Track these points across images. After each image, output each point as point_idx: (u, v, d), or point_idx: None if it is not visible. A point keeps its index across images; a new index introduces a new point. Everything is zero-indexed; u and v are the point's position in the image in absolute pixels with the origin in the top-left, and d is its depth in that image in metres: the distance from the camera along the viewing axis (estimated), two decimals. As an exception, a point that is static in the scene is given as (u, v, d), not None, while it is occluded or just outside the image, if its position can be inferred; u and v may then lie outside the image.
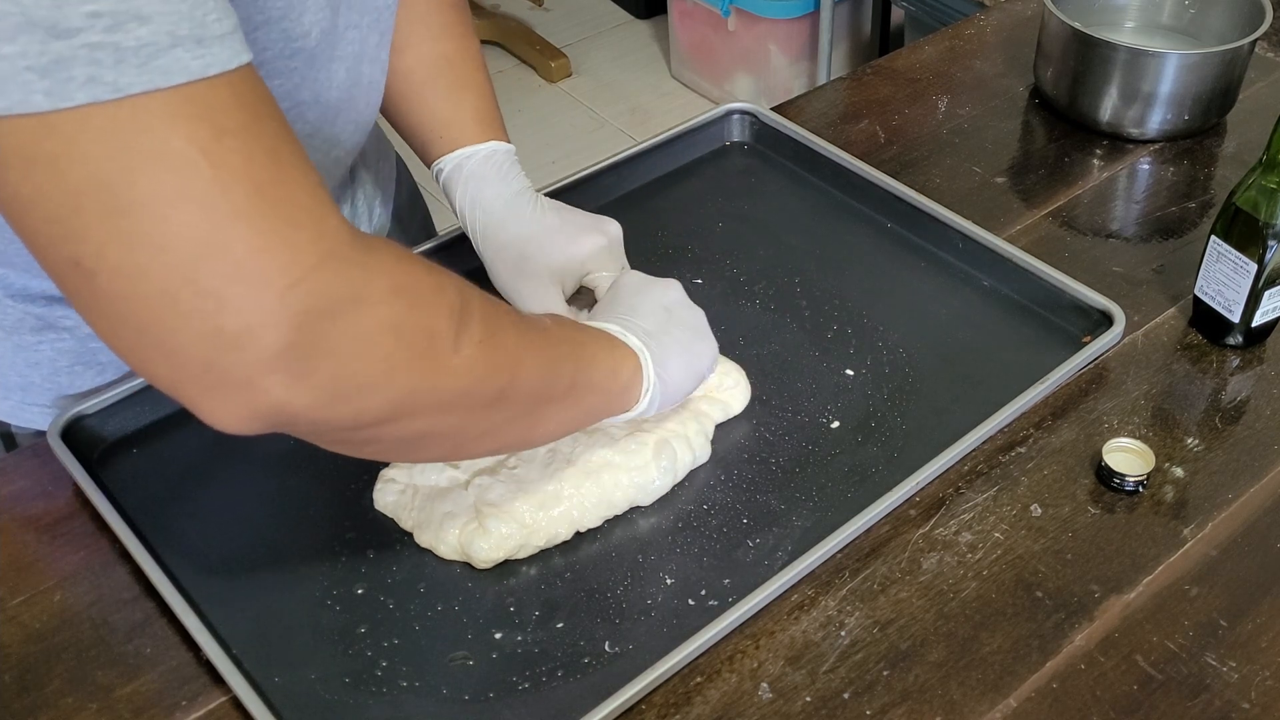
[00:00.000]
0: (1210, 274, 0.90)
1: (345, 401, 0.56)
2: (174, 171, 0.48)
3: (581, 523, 0.78)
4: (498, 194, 0.88)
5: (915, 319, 0.93)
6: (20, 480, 0.84)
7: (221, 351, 0.52)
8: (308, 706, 0.70)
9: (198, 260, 0.49)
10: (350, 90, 0.80)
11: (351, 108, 0.82)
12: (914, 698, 0.70)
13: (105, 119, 0.47)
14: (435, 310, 0.59)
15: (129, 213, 0.48)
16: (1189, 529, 0.78)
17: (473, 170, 0.89)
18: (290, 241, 0.51)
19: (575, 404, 0.71)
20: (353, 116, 0.83)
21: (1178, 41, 1.18)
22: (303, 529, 0.79)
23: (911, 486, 0.78)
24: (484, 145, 0.89)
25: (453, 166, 0.89)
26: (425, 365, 0.58)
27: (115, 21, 0.46)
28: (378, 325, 0.55)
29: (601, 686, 0.69)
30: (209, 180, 0.49)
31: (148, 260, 0.49)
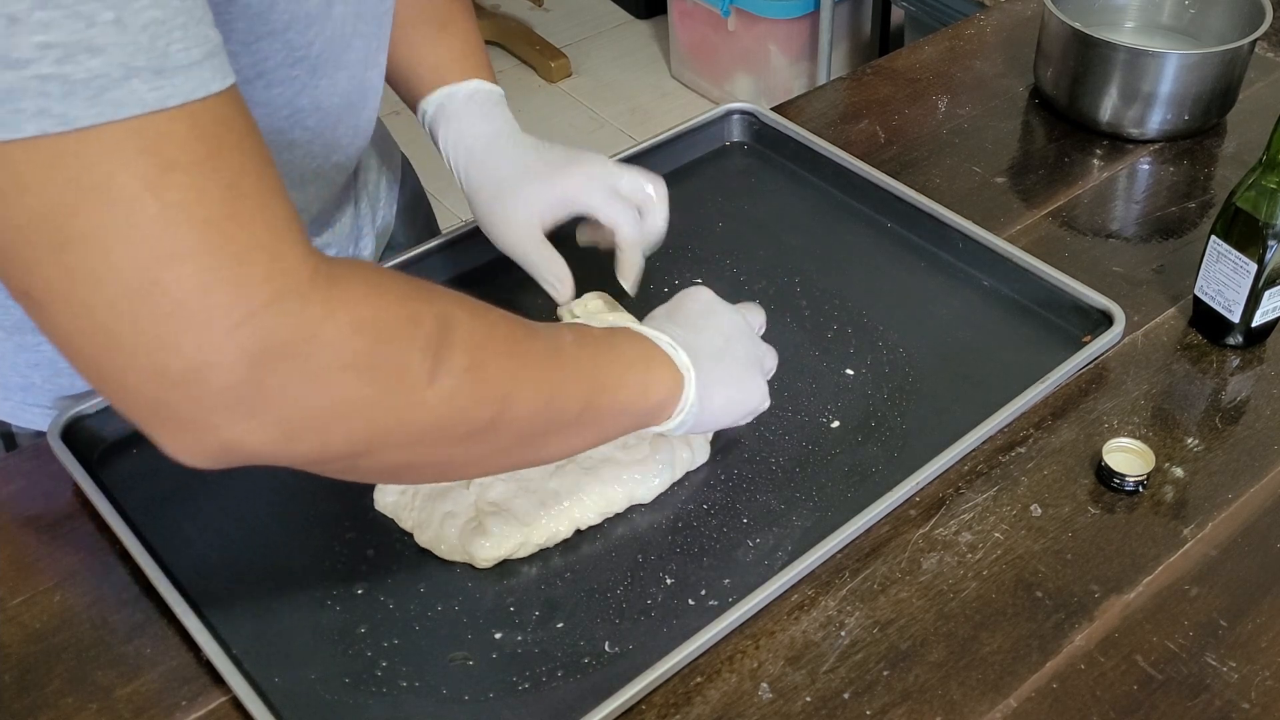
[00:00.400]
0: (1210, 274, 0.90)
1: (303, 439, 0.55)
2: (116, 206, 0.47)
3: (582, 520, 0.78)
4: (479, 133, 0.87)
5: (915, 319, 0.93)
6: (20, 480, 0.84)
7: (168, 389, 0.51)
8: (308, 706, 0.70)
9: (138, 298, 0.49)
10: (351, 96, 0.79)
11: (352, 113, 0.81)
12: (914, 698, 0.70)
13: (53, 152, 0.46)
14: (406, 343, 0.57)
15: (72, 247, 0.48)
16: (1189, 529, 0.78)
17: (455, 110, 0.88)
18: (238, 279, 0.50)
19: (589, 427, 0.69)
20: (353, 121, 0.82)
21: (1178, 41, 1.18)
22: (303, 529, 0.79)
23: (911, 486, 0.78)
24: (466, 84, 0.88)
25: (436, 107, 0.88)
26: (392, 401, 0.56)
27: (66, 53, 0.45)
28: (335, 362, 0.54)
29: (601, 686, 0.69)
30: (152, 217, 0.48)
31: (90, 296, 0.49)
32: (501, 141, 0.88)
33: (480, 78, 0.89)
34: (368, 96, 0.83)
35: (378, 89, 0.84)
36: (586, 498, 0.78)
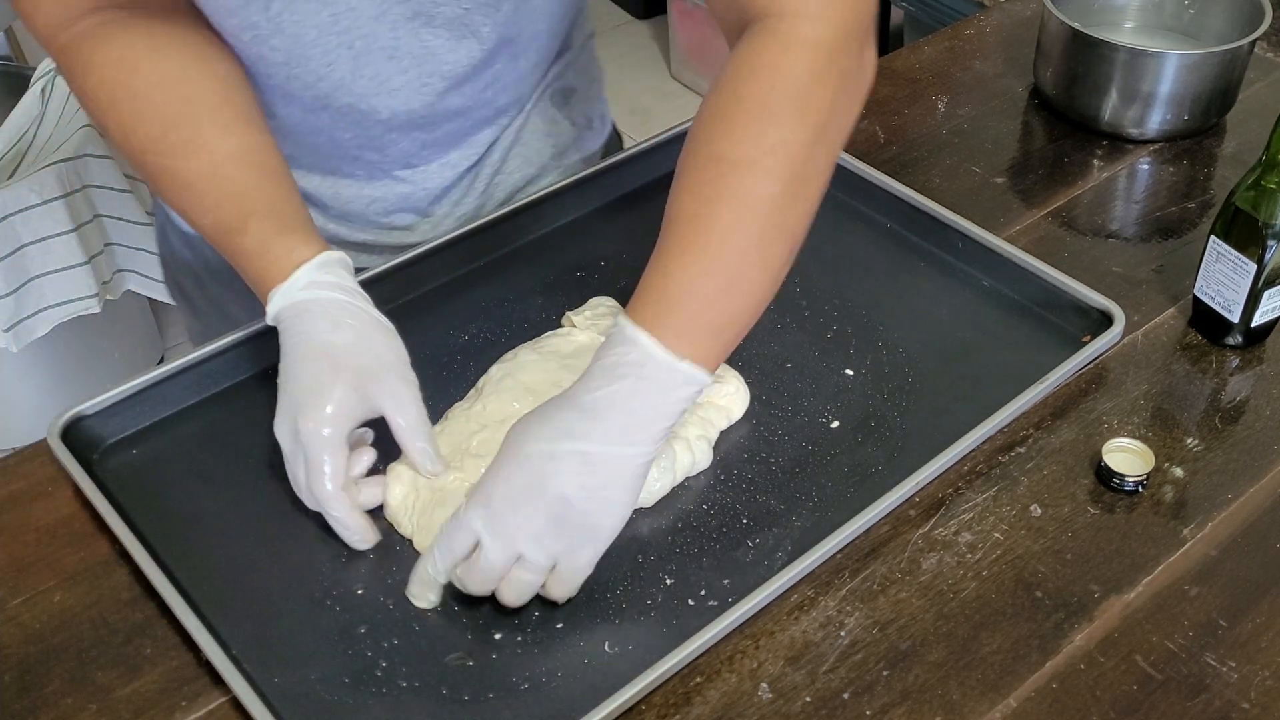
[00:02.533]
0: (1210, 274, 0.90)
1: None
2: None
3: None
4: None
5: (915, 319, 0.93)
6: (20, 480, 0.84)
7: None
8: (308, 706, 0.70)
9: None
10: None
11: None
12: (914, 698, 0.70)
13: None
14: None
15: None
16: (1189, 529, 0.78)
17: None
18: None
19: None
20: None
21: (1178, 41, 1.18)
22: (303, 529, 0.79)
23: (911, 486, 0.78)
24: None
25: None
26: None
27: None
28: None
29: (601, 686, 0.69)
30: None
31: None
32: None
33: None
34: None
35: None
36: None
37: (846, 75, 0.74)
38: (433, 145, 0.96)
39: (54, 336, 1.89)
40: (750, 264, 0.72)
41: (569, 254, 1.00)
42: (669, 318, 0.71)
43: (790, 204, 0.72)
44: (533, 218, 1.01)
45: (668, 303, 0.71)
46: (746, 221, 0.71)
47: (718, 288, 0.71)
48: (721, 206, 0.71)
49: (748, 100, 0.72)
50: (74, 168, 1.86)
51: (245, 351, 0.90)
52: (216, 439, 0.86)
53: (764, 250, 0.72)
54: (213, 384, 0.89)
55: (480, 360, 0.90)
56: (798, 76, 0.72)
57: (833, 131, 0.74)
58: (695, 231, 0.72)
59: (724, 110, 0.73)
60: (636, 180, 1.07)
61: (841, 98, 0.74)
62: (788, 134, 0.71)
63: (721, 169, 0.72)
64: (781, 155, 0.71)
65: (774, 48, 0.73)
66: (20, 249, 1.80)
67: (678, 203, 0.73)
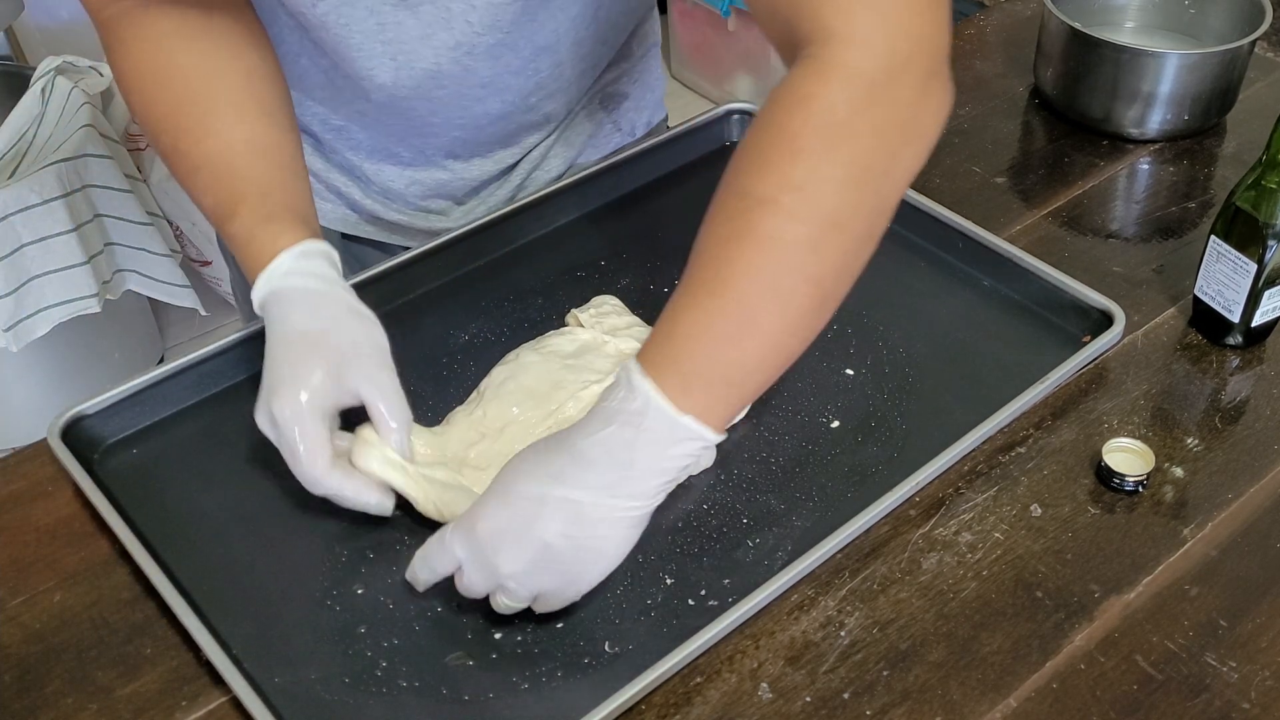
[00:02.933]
0: (1210, 274, 0.90)
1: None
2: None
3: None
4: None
5: (915, 319, 0.93)
6: (20, 480, 0.84)
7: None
8: (308, 706, 0.70)
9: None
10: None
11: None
12: (914, 698, 0.70)
13: None
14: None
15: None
16: (1189, 529, 0.78)
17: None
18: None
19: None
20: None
21: (1178, 41, 1.18)
22: (303, 529, 0.79)
23: (911, 486, 0.78)
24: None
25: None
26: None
27: None
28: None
29: (601, 686, 0.69)
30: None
31: None
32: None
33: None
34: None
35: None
36: None
37: (893, 108, 0.66)
38: (477, 142, 0.99)
39: (54, 336, 1.89)
40: (766, 311, 0.66)
41: (569, 254, 1.00)
42: (674, 365, 0.66)
43: (818, 249, 0.66)
44: (533, 218, 1.01)
45: (674, 348, 0.67)
46: (764, 263, 0.66)
47: (727, 334, 0.66)
48: (739, 246, 0.66)
49: (778, 134, 0.66)
50: (74, 168, 1.86)
51: (245, 351, 0.90)
52: (216, 439, 0.86)
53: (782, 296, 0.66)
54: (213, 384, 0.89)
55: (480, 360, 0.90)
56: (833, 108, 0.65)
57: (876, 173, 0.66)
58: (711, 272, 0.67)
59: (755, 144, 0.67)
60: (636, 180, 1.07)
61: (891, 136, 0.66)
62: (818, 172, 0.65)
63: (744, 205, 0.67)
64: (810, 194, 0.65)
65: (812, 77, 0.66)
66: (20, 249, 1.80)
67: (700, 241, 0.69)
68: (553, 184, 1.02)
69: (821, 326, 0.70)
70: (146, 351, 2.23)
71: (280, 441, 0.76)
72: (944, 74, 0.68)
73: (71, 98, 1.95)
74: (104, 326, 2.05)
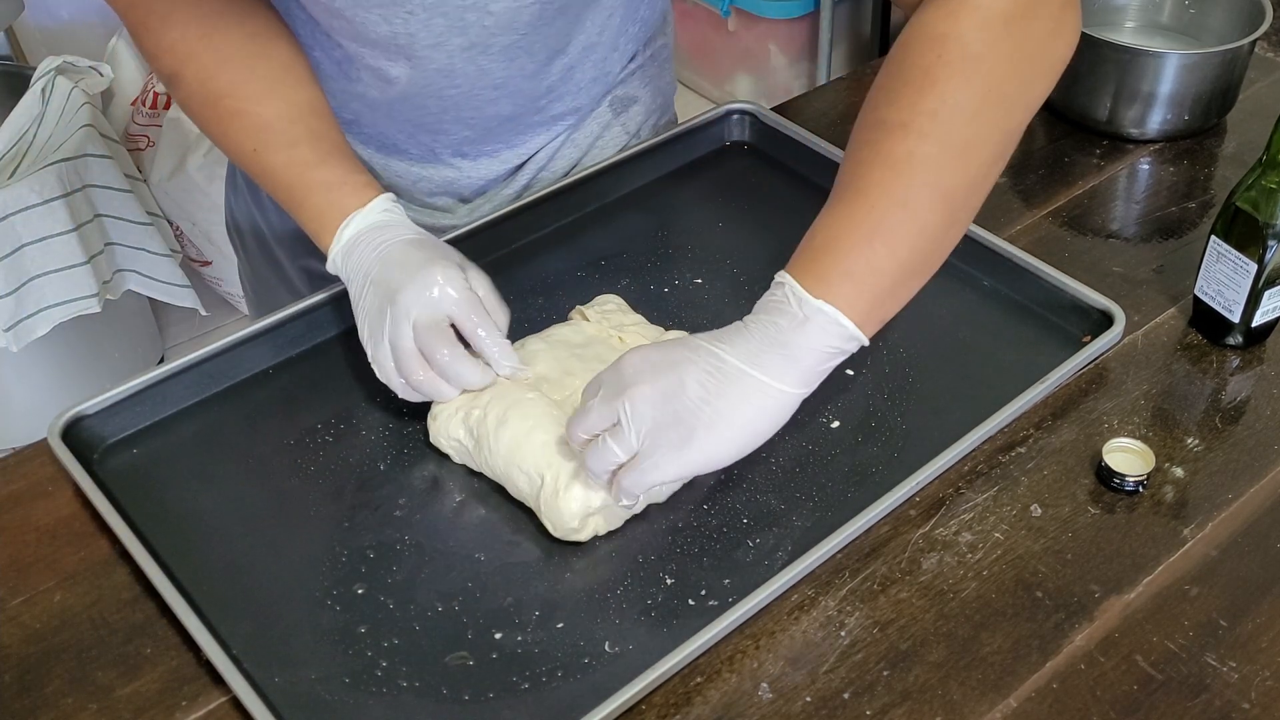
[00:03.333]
0: (1210, 274, 0.90)
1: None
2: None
3: (601, 528, 0.78)
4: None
5: (915, 319, 0.93)
6: (20, 480, 0.84)
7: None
8: (308, 706, 0.70)
9: None
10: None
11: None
12: (914, 698, 0.70)
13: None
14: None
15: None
16: (1189, 529, 0.78)
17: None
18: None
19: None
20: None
21: (1178, 41, 1.18)
22: (303, 529, 0.79)
23: (911, 486, 0.78)
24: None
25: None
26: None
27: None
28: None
29: (601, 686, 0.69)
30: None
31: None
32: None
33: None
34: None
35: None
36: (611, 501, 0.77)
37: (1027, 41, 0.72)
38: (483, 142, 1.00)
39: (54, 336, 1.89)
40: (897, 219, 0.71)
41: (569, 254, 1.00)
42: (812, 264, 0.72)
43: (949, 168, 0.72)
44: (533, 218, 1.02)
45: (811, 252, 0.73)
46: (893, 179, 0.71)
47: (860, 238, 0.72)
48: (872, 166, 0.72)
49: (911, 69, 0.72)
50: (74, 167, 1.86)
51: (245, 351, 0.90)
52: (216, 439, 0.86)
53: (911, 207, 0.71)
54: (213, 384, 0.89)
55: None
56: (966, 44, 0.70)
57: (1009, 99, 0.72)
58: (850, 191, 0.73)
59: (889, 79, 0.73)
60: (637, 180, 1.07)
61: (1021, 65, 0.72)
62: (949, 99, 0.70)
63: (878, 133, 0.72)
64: (941, 118, 0.70)
65: (945, 18, 0.71)
66: (20, 249, 1.80)
67: (841, 168, 0.75)
68: (553, 184, 1.02)
69: (954, 241, 0.76)
70: (146, 351, 2.23)
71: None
72: (1076, 5, 0.74)
73: (71, 98, 1.95)
74: (104, 326, 2.05)
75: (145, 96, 2.15)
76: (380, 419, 0.86)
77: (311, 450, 0.84)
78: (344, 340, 0.93)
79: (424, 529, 0.79)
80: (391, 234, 0.84)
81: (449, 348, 0.80)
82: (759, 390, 0.71)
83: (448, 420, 0.82)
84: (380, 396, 0.88)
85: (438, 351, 0.80)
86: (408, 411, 0.87)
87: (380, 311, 0.81)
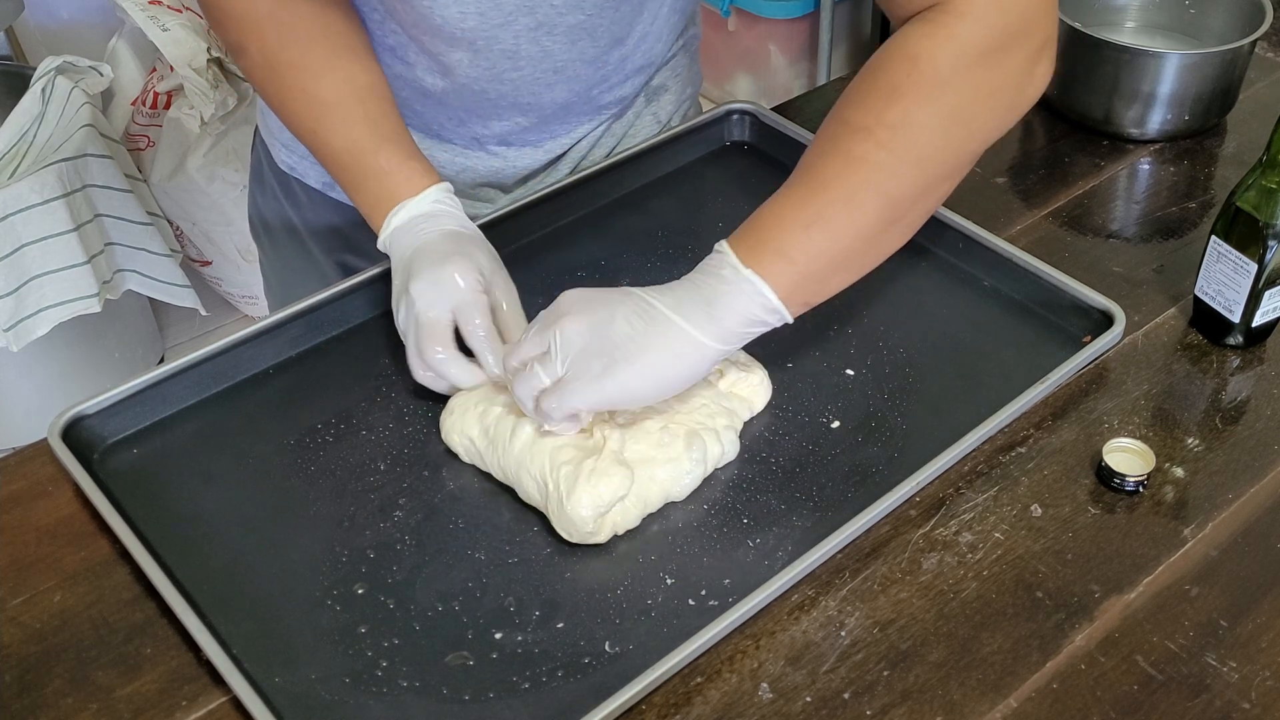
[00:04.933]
0: (1210, 274, 0.90)
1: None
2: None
3: (623, 524, 0.78)
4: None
5: (915, 319, 0.93)
6: (20, 480, 0.84)
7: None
8: (308, 706, 0.70)
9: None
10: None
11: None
12: (914, 698, 0.70)
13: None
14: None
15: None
16: (1189, 529, 0.78)
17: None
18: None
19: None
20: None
21: (1178, 41, 1.18)
22: (303, 529, 0.79)
23: (911, 486, 0.78)
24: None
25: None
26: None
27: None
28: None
29: (601, 686, 0.69)
30: None
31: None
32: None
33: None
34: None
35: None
36: (627, 498, 0.78)
37: (997, 76, 0.74)
38: (533, 130, 1.01)
39: (54, 336, 1.89)
40: (838, 213, 0.75)
41: (568, 254, 1.00)
42: (751, 237, 0.76)
43: (899, 176, 0.75)
44: (533, 218, 1.02)
45: (752, 228, 0.77)
46: (847, 176, 0.75)
47: (799, 223, 0.75)
48: (828, 160, 0.76)
49: (883, 83, 0.75)
50: (74, 167, 1.85)
51: (245, 351, 0.90)
52: (216, 439, 0.86)
53: (854, 204, 0.75)
54: (213, 384, 0.89)
55: (480, 360, 0.90)
56: (938, 68, 0.73)
57: (969, 125, 0.76)
58: (801, 179, 0.77)
59: (860, 88, 0.76)
60: (637, 180, 1.07)
61: (987, 98, 0.75)
62: (912, 114, 0.74)
63: (840, 131, 0.76)
64: (900, 130, 0.74)
65: (923, 39, 0.74)
66: (20, 249, 1.80)
67: (802, 158, 0.78)
68: (553, 184, 1.02)
69: (893, 245, 0.79)
70: (146, 351, 2.23)
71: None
72: (1051, 50, 0.76)
73: (72, 98, 1.95)
74: (104, 326, 2.05)
75: (145, 96, 2.15)
76: (380, 419, 0.86)
77: (311, 450, 0.84)
78: (344, 340, 0.93)
79: (424, 529, 0.79)
80: (433, 224, 0.87)
81: (443, 346, 0.83)
82: (680, 336, 0.75)
83: (462, 415, 0.82)
84: (380, 396, 0.88)
85: (432, 349, 0.83)
86: (408, 411, 0.87)
87: (398, 299, 0.86)
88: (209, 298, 2.25)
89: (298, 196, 1.09)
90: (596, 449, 0.78)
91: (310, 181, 1.07)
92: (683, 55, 1.10)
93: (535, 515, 0.80)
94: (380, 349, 0.92)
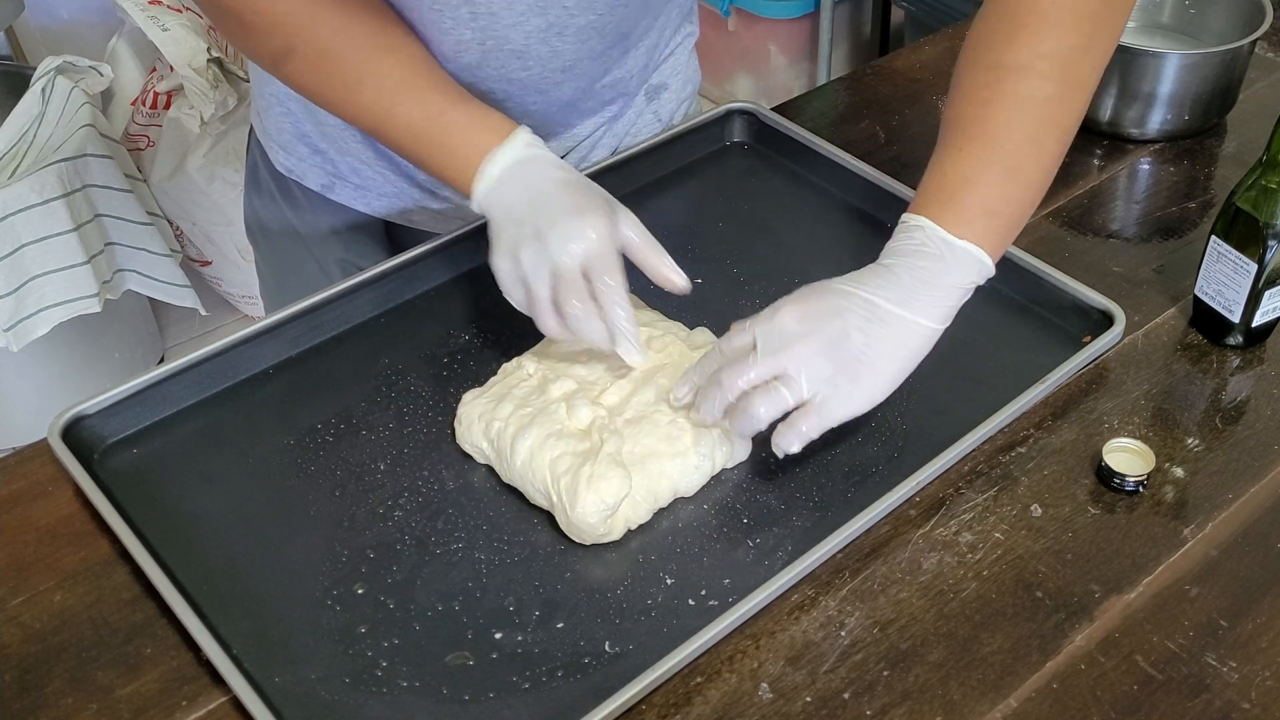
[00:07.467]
0: (1210, 274, 0.90)
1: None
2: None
3: (634, 519, 0.78)
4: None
5: (915, 319, 0.93)
6: (20, 480, 0.84)
7: None
8: (308, 706, 0.70)
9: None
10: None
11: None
12: (914, 698, 0.70)
13: None
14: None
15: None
16: (1189, 529, 0.78)
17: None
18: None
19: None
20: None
21: (1178, 41, 1.18)
22: (303, 529, 0.79)
23: (911, 486, 0.78)
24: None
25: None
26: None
27: None
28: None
29: (601, 686, 0.69)
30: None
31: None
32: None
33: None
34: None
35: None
36: (637, 493, 0.78)
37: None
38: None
39: (54, 336, 1.89)
40: (1026, 156, 0.79)
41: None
42: (951, 205, 0.78)
43: (1062, 104, 0.79)
44: (533, 218, 1.01)
45: (946, 193, 0.79)
46: (1022, 119, 0.78)
47: (995, 177, 0.78)
48: (997, 108, 0.79)
49: (1025, 13, 0.78)
50: (74, 167, 1.85)
51: (245, 351, 0.90)
52: (216, 439, 0.86)
53: (1039, 145, 0.79)
54: (213, 384, 0.89)
55: (480, 360, 0.90)
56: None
57: (1102, 40, 0.80)
58: (973, 131, 0.79)
59: (1002, 22, 0.80)
60: (637, 180, 1.07)
61: (1114, 7, 0.80)
62: (1063, 41, 0.78)
63: (998, 74, 0.79)
64: (1056, 61, 0.78)
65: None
66: (20, 249, 1.80)
67: (955, 109, 0.81)
68: (553, 184, 1.02)
69: (1059, 165, 0.82)
70: (146, 351, 2.23)
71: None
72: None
73: (71, 98, 1.95)
74: (104, 326, 2.05)
75: (145, 96, 2.15)
76: (380, 419, 0.86)
77: (311, 450, 0.84)
78: (344, 340, 0.93)
79: (424, 529, 0.79)
80: (538, 171, 0.84)
81: (580, 300, 0.81)
82: (911, 330, 0.77)
83: (469, 428, 0.83)
84: (380, 396, 0.88)
85: (570, 302, 0.81)
86: (408, 411, 0.87)
87: (517, 248, 0.82)
88: (209, 298, 2.25)
89: (296, 199, 1.09)
90: (593, 453, 0.78)
91: (309, 184, 1.07)
92: (680, 53, 1.10)
93: (535, 515, 0.80)
94: (380, 349, 0.92)
